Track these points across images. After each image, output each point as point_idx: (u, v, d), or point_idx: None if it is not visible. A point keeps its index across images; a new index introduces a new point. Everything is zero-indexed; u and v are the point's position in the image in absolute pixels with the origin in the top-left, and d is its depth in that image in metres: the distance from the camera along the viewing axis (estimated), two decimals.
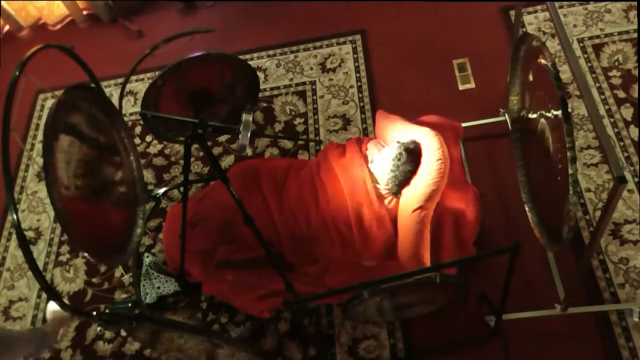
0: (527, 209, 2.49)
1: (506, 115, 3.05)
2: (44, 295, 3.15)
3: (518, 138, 2.61)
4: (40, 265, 3.24)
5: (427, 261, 2.48)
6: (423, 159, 2.54)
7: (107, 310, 2.99)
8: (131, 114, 3.79)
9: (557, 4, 3.16)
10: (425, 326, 2.60)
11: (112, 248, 2.50)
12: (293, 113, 3.57)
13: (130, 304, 2.93)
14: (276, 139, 3.44)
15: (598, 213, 2.85)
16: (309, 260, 2.75)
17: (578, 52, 3.39)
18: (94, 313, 1.89)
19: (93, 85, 2.67)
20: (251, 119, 2.28)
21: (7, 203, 2.55)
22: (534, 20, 3.62)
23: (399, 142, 2.60)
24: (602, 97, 3.20)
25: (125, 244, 2.57)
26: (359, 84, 3.61)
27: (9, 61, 3.86)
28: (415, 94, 3.47)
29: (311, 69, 3.74)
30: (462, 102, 3.37)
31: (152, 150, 3.60)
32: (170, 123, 2.63)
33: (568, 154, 1.83)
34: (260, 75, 3.75)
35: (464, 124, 3.02)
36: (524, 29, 3.55)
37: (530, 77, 2.30)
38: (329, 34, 3.88)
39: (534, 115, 2.32)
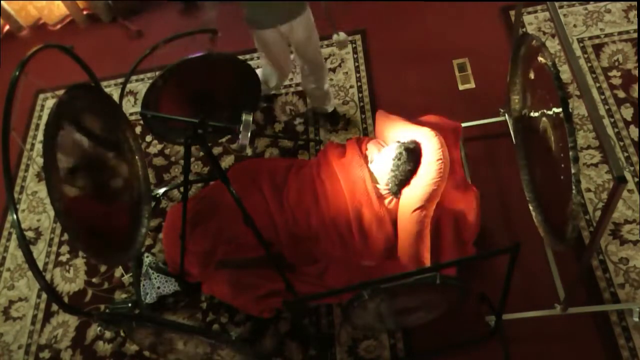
0: (531, 208, 2.49)
1: (506, 115, 3.05)
2: (44, 295, 3.15)
3: (521, 137, 2.61)
4: (40, 265, 3.24)
5: (427, 261, 2.48)
6: (423, 159, 2.54)
7: (107, 310, 3.00)
8: (131, 114, 3.78)
9: (557, 4, 3.16)
10: (425, 326, 2.59)
11: (117, 247, 2.50)
12: (293, 113, 3.57)
13: (130, 304, 2.94)
14: (276, 139, 3.44)
15: (598, 213, 2.85)
16: (309, 260, 2.75)
17: (578, 52, 3.39)
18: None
19: (93, 84, 2.67)
20: (251, 119, 2.28)
21: (7, 203, 2.55)
22: (534, 20, 3.62)
23: (399, 142, 2.61)
24: (602, 97, 3.20)
25: (130, 243, 2.56)
26: (359, 84, 3.61)
27: (9, 61, 3.86)
28: (415, 94, 3.47)
29: None
30: (462, 102, 3.37)
31: (152, 150, 3.60)
32: (171, 123, 2.63)
33: (570, 153, 1.83)
34: None
35: (464, 124, 3.02)
36: (524, 29, 3.55)
37: (531, 76, 2.30)
38: (329, 34, 3.88)
39: (536, 114, 2.33)
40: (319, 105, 3.37)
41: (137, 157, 2.67)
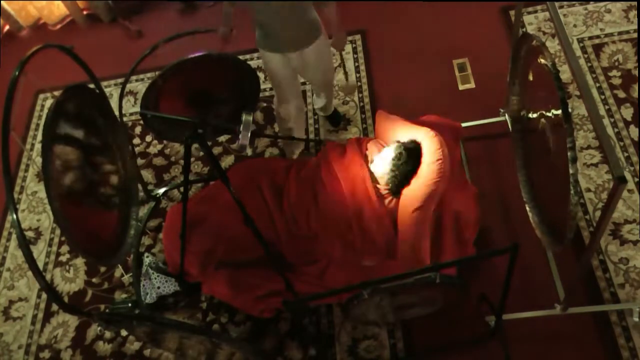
0: (527, 208, 2.49)
1: (506, 115, 3.05)
2: (44, 295, 3.15)
3: (518, 138, 2.62)
4: (40, 265, 3.24)
5: (427, 261, 2.48)
6: (423, 159, 2.54)
7: (107, 310, 3.00)
8: (131, 114, 3.79)
9: (557, 4, 3.17)
10: (426, 326, 2.60)
11: (107, 248, 2.50)
12: None
13: (130, 304, 2.94)
14: (276, 139, 3.44)
15: (598, 213, 2.85)
16: (309, 260, 2.75)
17: (578, 52, 3.39)
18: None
19: (92, 85, 2.67)
20: (251, 119, 2.28)
21: (7, 203, 2.55)
22: (534, 20, 3.62)
23: (399, 142, 2.61)
24: (602, 97, 3.20)
25: (119, 245, 2.57)
26: (359, 84, 3.61)
27: (9, 61, 3.86)
28: (415, 94, 3.47)
29: None
30: (462, 102, 3.37)
31: (152, 150, 3.60)
32: (171, 123, 2.64)
33: (568, 154, 1.83)
34: (261, 75, 3.75)
35: (464, 124, 3.02)
36: (524, 29, 3.55)
37: (531, 77, 2.30)
38: (329, 34, 3.87)
39: (535, 115, 2.33)
40: (320, 108, 3.38)
41: (126, 158, 2.68)
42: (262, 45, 2.75)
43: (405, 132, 2.68)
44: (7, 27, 4.45)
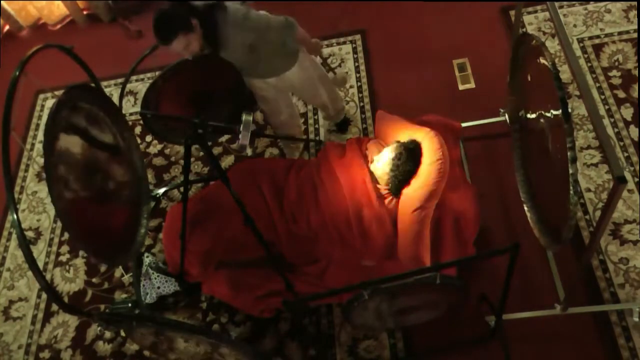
0: (526, 208, 2.49)
1: (506, 115, 3.05)
2: (44, 295, 3.15)
3: (517, 138, 2.62)
4: (40, 265, 3.24)
5: (427, 261, 2.48)
6: (423, 159, 2.54)
7: (107, 310, 3.00)
8: (131, 114, 3.79)
9: (557, 4, 3.16)
10: (426, 326, 2.59)
11: (116, 248, 2.49)
12: None
13: (130, 304, 2.94)
14: (276, 139, 3.44)
15: (598, 213, 2.85)
16: (309, 260, 2.75)
17: (578, 52, 3.39)
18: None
19: (93, 85, 2.67)
20: (251, 119, 2.28)
21: (7, 203, 2.55)
22: (534, 20, 3.62)
23: (398, 142, 2.61)
24: (602, 97, 3.20)
25: (129, 244, 2.56)
26: (359, 84, 3.61)
27: (9, 61, 3.86)
28: (415, 94, 3.47)
29: None
30: (462, 102, 3.37)
31: (152, 150, 3.60)
32: (171, 123, 2.64)
33: (568, 154, 1.83)
34: None
35: (464, 124, 3.02)
36: (524, 29, 3.55)
37: (530, 77, 2.30)
38: (329, 34, 3.88)
39: (534, 115, 2.33)
40: (328, 116, 3.36)
41: (135, 157, 2.67)
42: (242, 72, 2.72)
43: (405, 132, 2.68)
44: (7, 27, 4.45)
